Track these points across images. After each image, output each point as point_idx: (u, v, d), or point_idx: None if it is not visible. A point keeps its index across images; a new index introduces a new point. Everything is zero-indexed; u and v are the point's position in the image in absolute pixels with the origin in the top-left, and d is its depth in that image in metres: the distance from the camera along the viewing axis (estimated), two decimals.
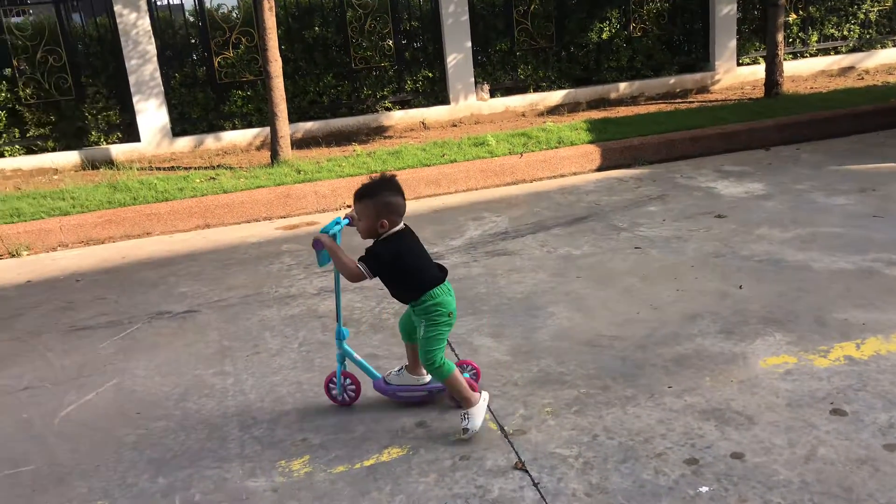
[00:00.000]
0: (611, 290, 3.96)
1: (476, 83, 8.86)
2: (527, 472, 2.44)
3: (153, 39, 7.82)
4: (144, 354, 3.67)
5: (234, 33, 8.15)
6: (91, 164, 7.76)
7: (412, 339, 2.87)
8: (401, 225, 2.72)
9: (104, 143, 7.98)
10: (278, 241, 5.50)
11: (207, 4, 8.09)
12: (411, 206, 6.13)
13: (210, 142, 8.16)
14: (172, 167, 7.50)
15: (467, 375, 2.88)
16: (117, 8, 7.66)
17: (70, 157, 7.80)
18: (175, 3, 8.52)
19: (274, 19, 6.85)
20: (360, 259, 2.65)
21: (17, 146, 7.79)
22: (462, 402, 2.69)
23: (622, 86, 9.30)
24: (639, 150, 6.91)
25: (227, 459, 2.67)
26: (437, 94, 8.91)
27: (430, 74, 8.85)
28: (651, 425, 2.64)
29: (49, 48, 7.68)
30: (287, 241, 5.46)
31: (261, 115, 8.22)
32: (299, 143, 8.01)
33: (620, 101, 9.27)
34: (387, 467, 2.53)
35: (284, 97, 7.02)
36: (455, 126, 8.75)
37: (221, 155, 8.03)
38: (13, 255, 5.67)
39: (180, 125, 8.16)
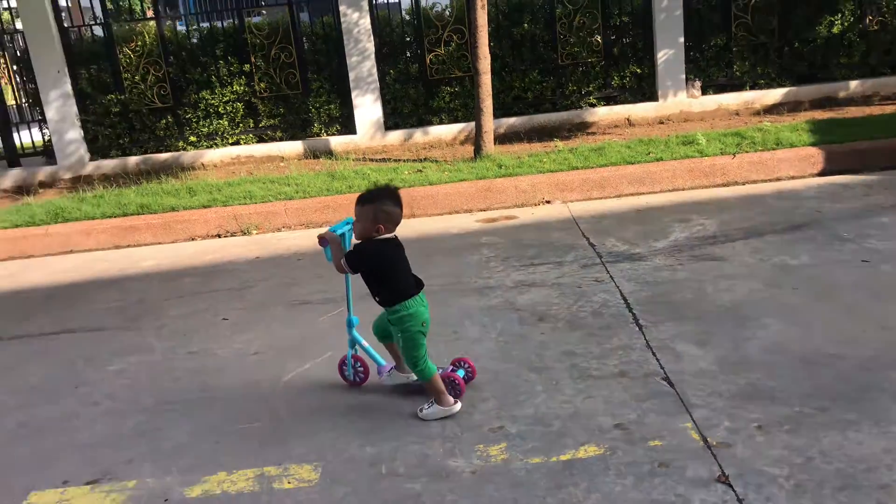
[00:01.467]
0: (832, 304, 3.66)
1: (687, 80, 8.52)
2: (731, 486, 2.33)
3: (372, 38, 8.30)
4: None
5: (447, 31, 8.45)
6: (313, 154, 8.41)
7: (386, 340, 3.13)
8: (391, 234, 2.91)
9: (325, 134, 8.61)
10: (478, 234, 5.64)
11: (423, 3, 8.44)
12: (611, 204, 6.08)
13: (418, 135, 8.54)
14: (384, 159, 7.94)
15: (462, 373, 3.08)
16: (342, 8, 8.22)
17: (295, 147, 8.50)
18: (393, 2, 8.98)
19: (485, 17, 7.02)
20: (345, 254, 2.90)
21: (251, 135, 8.61)
22: (435, 398, 2.93)
23: (853, 84, 8.50)
24: (869, 154, 6.30)
25: (430, 437, 2.80)
26: (645, 90, 8.68)
27: (638, 70, 8.64)
28: (876, 454, 2.42)
29: (281, 46, 8.41)
30: (486, 234, 5.59)
31: (466, 110, 8.46)
32: (502, 138, 8.15)
33: (850, 101, 8.49)
34: (583, 464, 2.53)
35: (491, 93, 7.17)
36: (662, 124, 8.48)
37: (428, 148, 8.37)
38: (244, 234, 6.29)
39: (392, 119, 8.61)
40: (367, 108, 8.43)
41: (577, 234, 5.31)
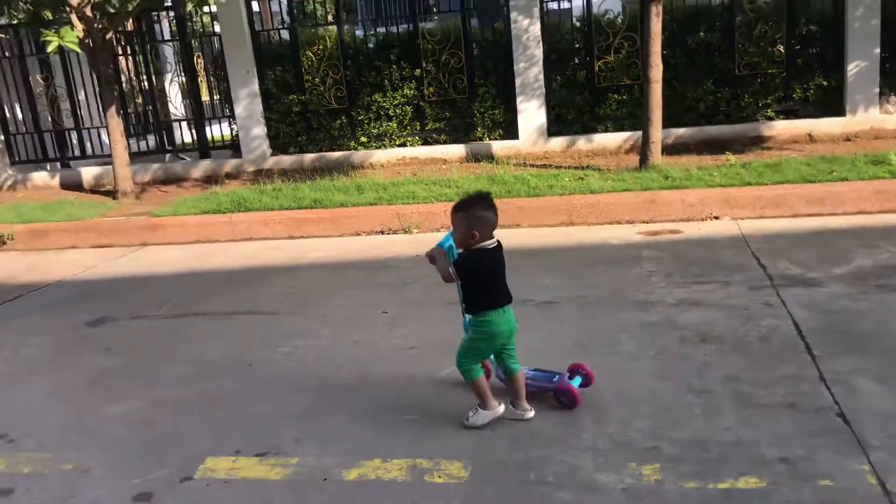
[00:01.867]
0: None
1: (881, 94, 7.85)
2: None
3: (541, 44, 8.31)
4: None
5: (618, 38, 8.30)
6: (474, 157, 8.56)
7: (507, 374, 3.11)
8: (492, 241, 2.96)
9: (487, 138, 8.73)
10: (639, 246, 5.50)
11: (594, 10, 8.35)
12: (786, 224, 5.73)
13: (581, 143, 8.45)
14: (545, 165, 7.93)
15: (579, 380, 3.16)
16: (513, 15, 8.29)
17: (457, 150, 8.68)
18: (564, 9, 8.95)
19: (660, 25, 6.84)
20: (452, 263, 2.95)
21: (417, 137, 8.89)
22: (479, 402, 3.01)
23: None
24: None
25: (581, 450, 2.77)
26: (830, 104, 8.09)
27: (823, 83, 8.07)
28: None
29: (452, 51, 8.61)
30: (648, 247, 5.44)
31: (633, 119, 8.28)
32: (669, 149, 7.90)
33: None
34: (743, 495, 2.42)
35: (660, 102, 6.97)
36: (848, 140, 7.87)
37: (591, 156, 8.27)
38: (406, 232, 6.51)
39: (556, 126, 8.58)
40: (531, 113, 8.45)
41: (747, 253, 5.05)
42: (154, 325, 4.64)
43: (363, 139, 8.93)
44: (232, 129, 9.30)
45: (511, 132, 8.67)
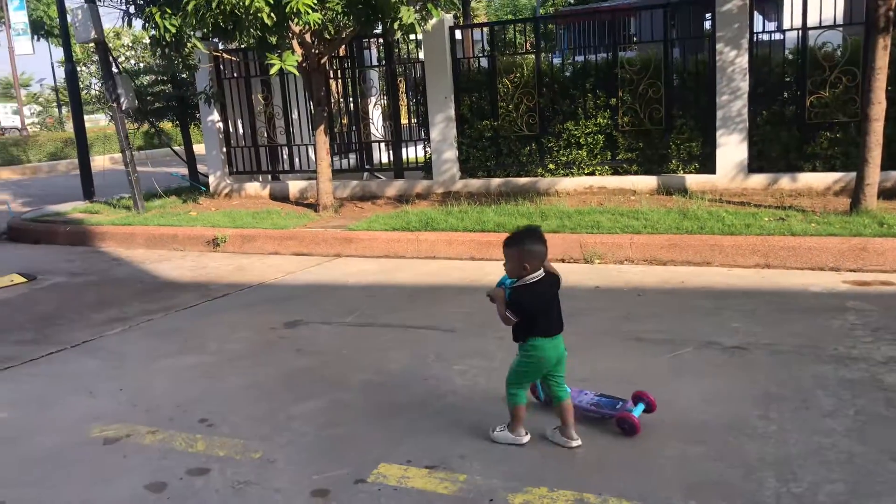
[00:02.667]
0: None
1: None
2: None
3: (747, 76, 7.91)
4: (691, 377, 3.78)
5: (835, 72, 7.71)
6: (665, 190, 8.28)
7: (556, 401, 3.16)
8: (540, 272, 3.08)
9: (681, 171, 8.42)
10: (844, 296, 5.04)
11: (811, 42, 7.82)
12: None
13: (785, 182, 7.92)
14: (742, 202, 7.51)
15: (642, 407, 3.27)
16: (719, 46, 7.97)
17: (648, 182, 8.45)
18: (776, 39, 8.46)
19: (886, 59, 6.27)
20: (507, 308, 3.05)
21: (606, 167, 8.76)
22: (510, 423, 3.17)
23: None
24: None
25: None
26: None
27: None
28: None
29: (650, 81, 8.42)
30: (855, 298, 4.97)
31: (846, 158, 7.63)
32: (887, 194, 7.19)
33: None
34: None
35: (881, 142, 6.38)
36: None
37: (794, 196, 7.71)
38: (587, 262, 6.42)
39: (757, 162, 8.10)
40: (731, 148, 8.05)
41: None
42: (342, 332, 4.91)
43: (551, 166, 8.95)
44: (426, 152, 9.68)
45: (707, 166, 8.30)
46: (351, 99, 10.51)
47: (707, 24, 10.96)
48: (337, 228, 7.87)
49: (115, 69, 9.52)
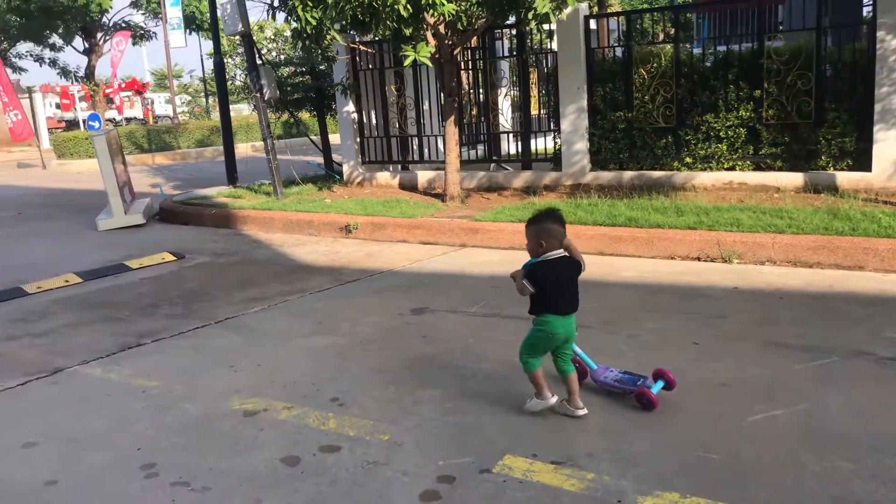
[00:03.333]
0: None
1: None
2: None
3: None
4: (837, 389, 3.53)
5: None
6: (813, 188, 7.77)
7: (563, 374, 3.40)
8: (559, 252, 3.28)
9: (831, 168, 7.88)
10: None
11: None
12: None
13: None
14: None
15: (661, 384, 3.45)
16: (880, 34, 7.37)
17: (793, 179, 7.96)
18: None
19: None
20: (524, 278, 3.27)
21: (748, 162, 8.33)
22: (536, 392, 3.37)
23: None
24: None
25: None
26: None
27: None
28: None
29: (800, 72, 7.92)
30: None
31: None
32: None
33: None
34: None
35: None
36: None
37: None
38: (725, 261, 6.12)
39: None
40: (890, 143, 7.43)
41: None
42: (467, 321, 4.93)
43: (688, 160, 8.60)
44: (555, 143, 9.56)
45: (861, 163, 7.71)
46: (481, 90, 10.53)
47: (866, 11, 10.19)
48: (463, 219, 7.92)
49: (258, 61, 9.99)
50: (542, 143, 9.94)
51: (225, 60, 14.89)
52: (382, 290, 5.91)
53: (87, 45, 30.61)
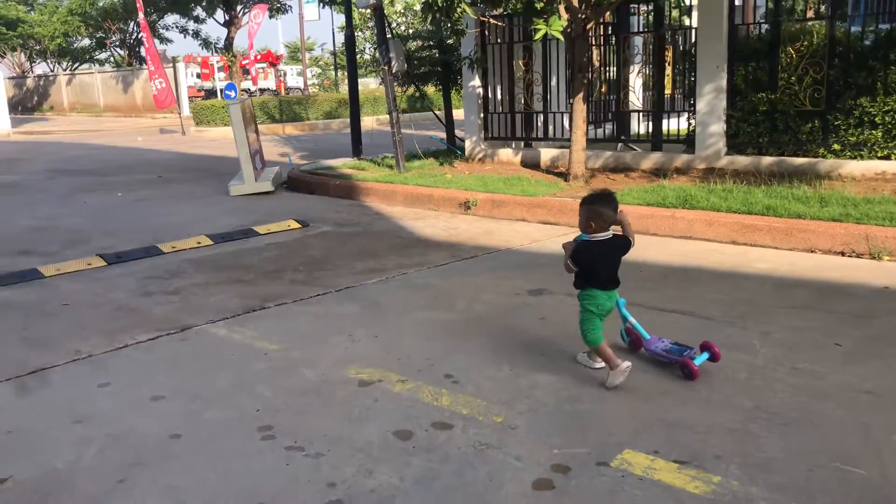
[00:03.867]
0: None
1: None
2: None
3: None
4: None
5: None
6: None
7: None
8: (607, 233, 3.45)
9: None
10: None
11: None
12: None
13: None
14: None
15: (706, 356, 3.57)
16: None
17: None
18: None
19: None
20: (569, 258, 3.49)
21: None
22: (608, 365, 3.46)
23: None
24: None
25: None
26: None
27: None
28: None
29: None
30: None
31: None
32: None
33: None
34: None
35: None
36: None
37: None
38: (873, 258, 5.62)
39: None
40: None
41: None
42: None
43: (835, 146, 7.96)
44: (689, 124, 9.10)
45: None
46: (611, 67, 10.16)
47: None
48: None
49: (388, 34, 10.05)
50: (673, 125, 9.50)
51: (355, 34, 15.15)
52: (500, 269, 5.81)
53: (227, 18, 32.05)
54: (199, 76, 39.59)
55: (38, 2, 45.11)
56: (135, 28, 40.23)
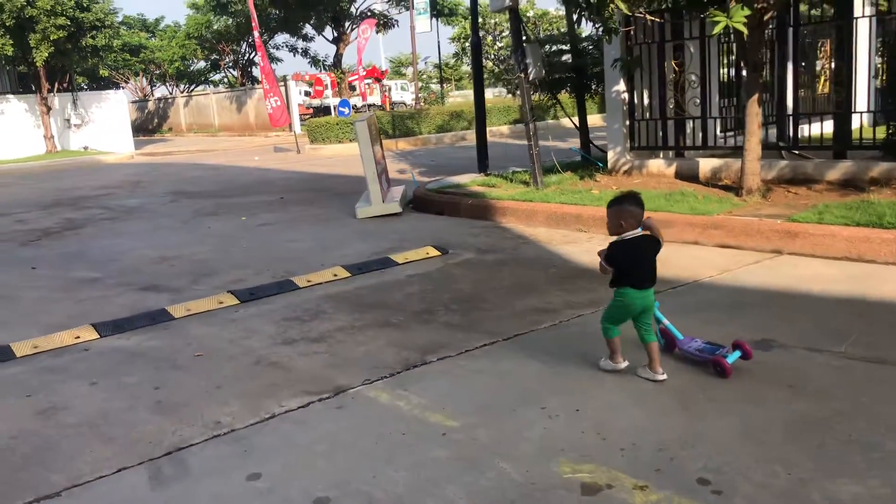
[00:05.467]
0: None
1: None
2: None
3: None
4: None
5: None
6: None
7: (644, 341, 3.67)
8: (636, 231, 3.55)
9: None
10: None
11: None
12: None
13: None
14: None
15: (738, 354, 3.64)
16: None
17: None
18: None
19: None
20: (604, 258, 3.62)
21: None
22: (610, 354, 3.75)
23: None
24: None
25: None
26: None
27: None
28: None
29: None
30: None
31: None
32: None
33: None
34: None
35: None
36: None
37: None
38: None
39: None
40: None
41: None
42: (844, 368, 3.68)
43: None
44: (888, 126, 7.75)
45: None
46: (778, 65, 8.88)
47: None
48: (774, 218, 6.53)
49: (524, 38, 9.18)
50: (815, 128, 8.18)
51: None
52: (697, 309, 4.79)
53: (335, 34, 32.19)
54: (306, 94, 40.07)
55: (159, 28, 47.10)
56: (247, 49, 41.29)
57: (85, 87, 41.59)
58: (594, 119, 10.27)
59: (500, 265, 6.46)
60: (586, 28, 8.99)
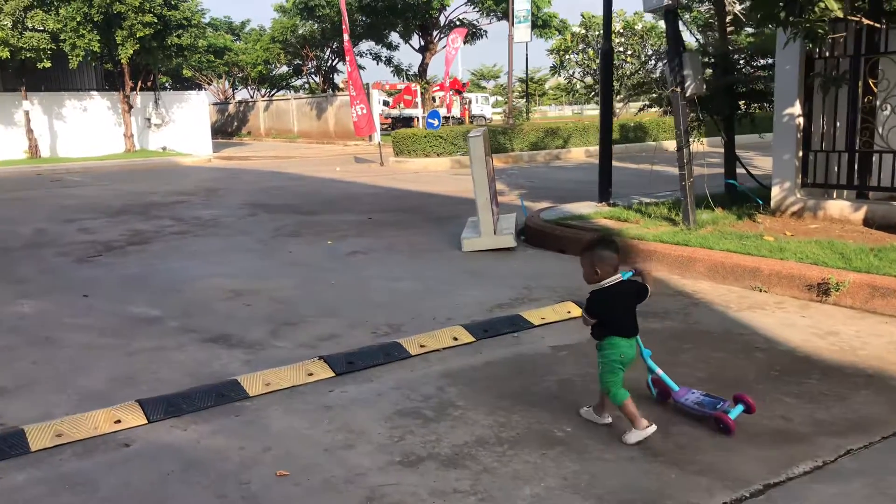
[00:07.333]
0: None
1: None
2: None
3: None
4: None
5: None
6: None
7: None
8: (616, 277, 3.33)
9: None
10: None
11: None
12: None
13: None
14: None
15: (741, 409, 3.38)
16: None
17: None
18: None
19: None
20: (584, 310, 3.39)
21: None
22: (631, 422, 3.24)
23: None
24: None
25: None
26: None
27: None
28: None
29: None
30: None
31: None
32: None
33: None
34: None
35: None
36: None
37: None
38: None
39: None
40: None
41: None
42: None
43: None
44: None
45: None
46: None
47: None
48: None
49: (682, 45, 7.51)
50: None
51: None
52: None
53: (422, 43, 31.04)
54: (385, 104, 39.01)
55: (244, 31, 47.03)
56: (330, 55, 40.62)
57: (168, 86, 41.63)
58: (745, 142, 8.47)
59: (676, 339, 4.82)
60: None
